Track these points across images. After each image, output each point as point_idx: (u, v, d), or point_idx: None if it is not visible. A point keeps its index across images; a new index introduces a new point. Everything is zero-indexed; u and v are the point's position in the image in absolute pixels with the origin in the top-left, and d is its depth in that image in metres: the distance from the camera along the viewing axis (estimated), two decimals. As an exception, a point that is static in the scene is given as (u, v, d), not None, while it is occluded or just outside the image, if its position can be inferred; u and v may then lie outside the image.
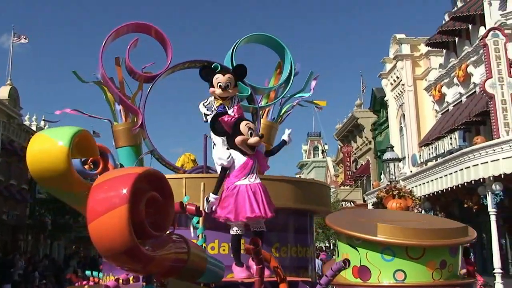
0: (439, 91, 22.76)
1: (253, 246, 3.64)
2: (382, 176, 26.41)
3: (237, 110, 5.67)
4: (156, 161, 7.21)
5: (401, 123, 26.30)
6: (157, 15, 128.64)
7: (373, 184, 26.98)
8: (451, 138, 18.74)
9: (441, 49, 23.13)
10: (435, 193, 18.14)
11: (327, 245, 35.62)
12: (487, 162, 14.68)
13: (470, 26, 20.63)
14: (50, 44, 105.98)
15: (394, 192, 14.93)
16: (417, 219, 4.64)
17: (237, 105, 5.81)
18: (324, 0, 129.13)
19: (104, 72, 7.15)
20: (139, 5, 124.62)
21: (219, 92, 5.85)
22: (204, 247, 4.50)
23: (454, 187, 16.39)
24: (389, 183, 17.55)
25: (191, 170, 7.04)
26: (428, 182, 18.74)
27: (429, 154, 20.19)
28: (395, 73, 26.37)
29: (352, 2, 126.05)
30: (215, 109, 6.01)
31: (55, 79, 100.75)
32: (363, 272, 3.79)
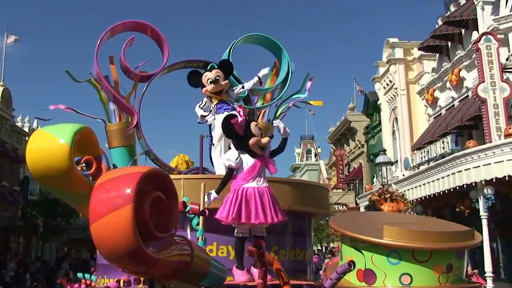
0: (432, 95, 22.85)
1: (256, 249, 3.56)
2: (374, 179, 26.45)
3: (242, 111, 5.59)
4: (150, 162, 7.11)
5: (393, 127, 26.37)
6: (154, 15, 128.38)
7: (365, 188, 27.00)
8: (443, 142, 18.79)
9: (434, 53, 23.24)
10: (427, 196, 18.13)
11: (319, 248, 35.55)
12: (479, 166, 14.68)
13: (463, 31, 20.75)
14: (43, 45, 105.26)
15: (386, 196, 14.87)
16: (422, 221, 4.57)
17: (239, 106, 5.72)
18: (318, 4, 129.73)
19: (99, 71, 7.03)
20: (135, 5, 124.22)
21: (211, 87, 5.80)
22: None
23: (446, 191, 16.39)
24: (381, 186, 17.54)
25: (187, 171, 6.94)
26: (420, 185, 18.73)
27: (422, 157, 20.21)
28: (388, 77, 26.47)
29: (346, 6, 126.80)
30: (214, 107, 5.91)
31: (48, 80, 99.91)
32: (368, 275, 3.72)
